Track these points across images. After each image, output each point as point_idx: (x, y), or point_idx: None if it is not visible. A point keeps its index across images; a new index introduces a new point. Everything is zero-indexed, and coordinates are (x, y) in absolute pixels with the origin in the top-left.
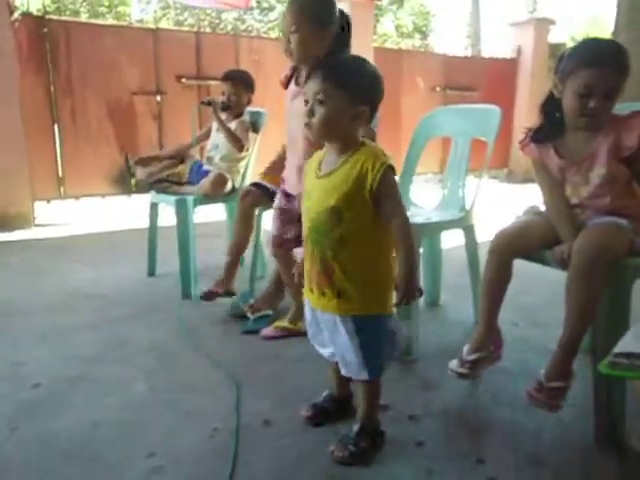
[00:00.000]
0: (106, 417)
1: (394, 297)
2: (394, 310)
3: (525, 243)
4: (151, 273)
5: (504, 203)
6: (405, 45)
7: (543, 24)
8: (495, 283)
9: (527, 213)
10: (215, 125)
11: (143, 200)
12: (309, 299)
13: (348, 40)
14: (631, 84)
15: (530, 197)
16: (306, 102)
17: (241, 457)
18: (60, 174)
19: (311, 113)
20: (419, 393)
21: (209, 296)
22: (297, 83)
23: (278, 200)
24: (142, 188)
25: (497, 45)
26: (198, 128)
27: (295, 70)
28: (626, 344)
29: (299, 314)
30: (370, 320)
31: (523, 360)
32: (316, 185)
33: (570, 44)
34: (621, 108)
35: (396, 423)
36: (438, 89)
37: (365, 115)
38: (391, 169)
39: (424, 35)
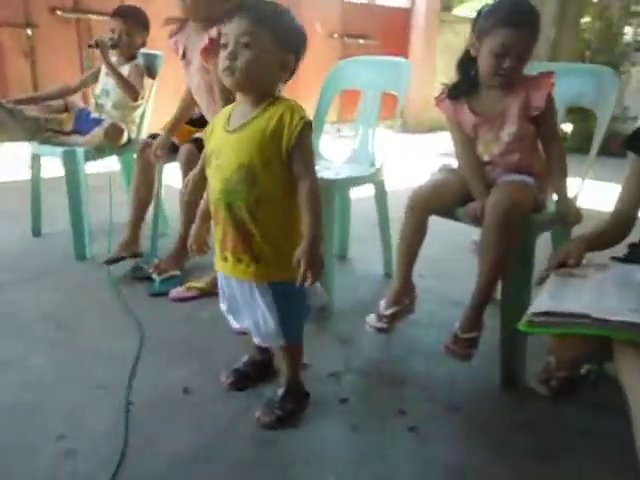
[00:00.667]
0: (3, 398)
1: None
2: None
3: (441, 200)
4: (36, 233)
5: (402, 153)
6: None
7: None
8: (412, 240)
9: (441, 171)
10: (104, 69)
11: (15, 149)
12: (223, 269)
13: None
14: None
15: (425, 147)
16: (224, 46)
17: (163, 431)
18: None
19: (233, 57)
20: (337, 349)
21: (115, 262)
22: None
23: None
24: (30, 131)
25: None
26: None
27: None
28: (541, 304)
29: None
30: (287, 285)
31: (431, 311)
32: (226, 140)
33: None
34: (530, 68)
35: (318, 381)
36: (336, 36)
37: (290, 65)
38: (309, 126)
39: None
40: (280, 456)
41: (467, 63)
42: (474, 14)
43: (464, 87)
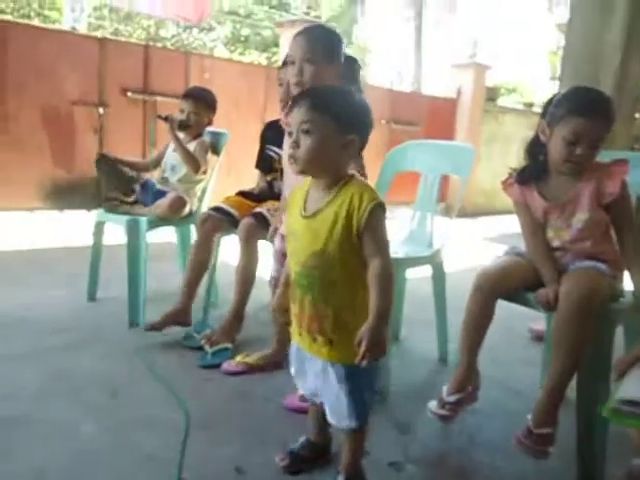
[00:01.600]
0: (53, 464)
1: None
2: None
3: (508, 283)
4: (91, 297)
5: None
6: None
7: (481, 68)
8: (479, 322)
9: (508, 253)
10: (171, 145)
11: (77, 216)
12: (299, 343)
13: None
14: None
15: (469, 232)
16: (289, 134)
17: None
18: None
19: (296, 145)
20: (395, 437)
21: (156, 329)
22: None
23: (278, 243)
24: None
25: (434, 84)
26: (139, 150)
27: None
28: (628, 391)
29: (273, 354)
30: (359, 367)
31: (491, 399)
32: (302, 225)
33: (503, 90)
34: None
35: (377, 470)
36: (383, 122)
37: (354, 144)
38: (380, 206)
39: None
40: None
41: (536, 149)
42: (517, 105)
43: (533, 172)
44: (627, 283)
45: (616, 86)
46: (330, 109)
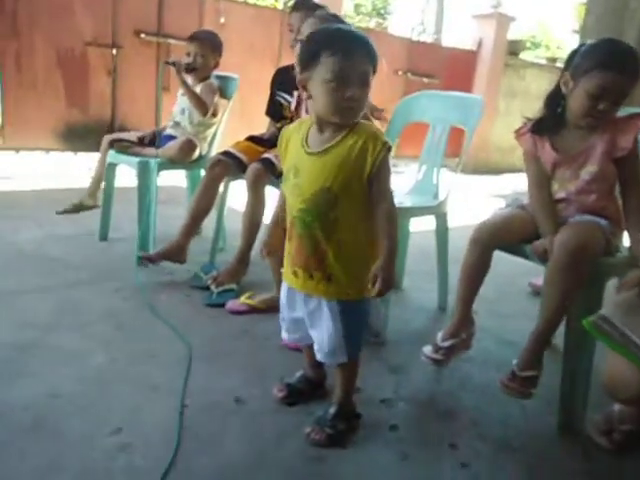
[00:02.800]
0: (65, 389)
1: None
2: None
3: (507, 235)
4: (103, 237)
5: (459, 193)
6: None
7: (505, 20)
8: (475, 273)
9: (509, 206)
10: (181, 89)
11: (90, 158)
12: (291, 283)
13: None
14: None
15: (480, 189)
16: (341, 79)
17: (214, 436)
18: (0, 122)
19: (356, 95)
20: (388, 377)
21: (151, 261)
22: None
23: None
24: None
25: (456, 35)
26: (151, 95)
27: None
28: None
29: (273, 299)
30: (355, 303)
31: (485, 349)
32: (307, 162)
33: (529, 43)
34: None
35: (369, 406)
36: (400, 73)
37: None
38: (389, 150)
39: (382, 17)
40: (328, 473)
41: (556, 100)
42: (539, 60)
43: (550, 123)
44: (626, 240)
45: (639, 40)
46: (375, 60)
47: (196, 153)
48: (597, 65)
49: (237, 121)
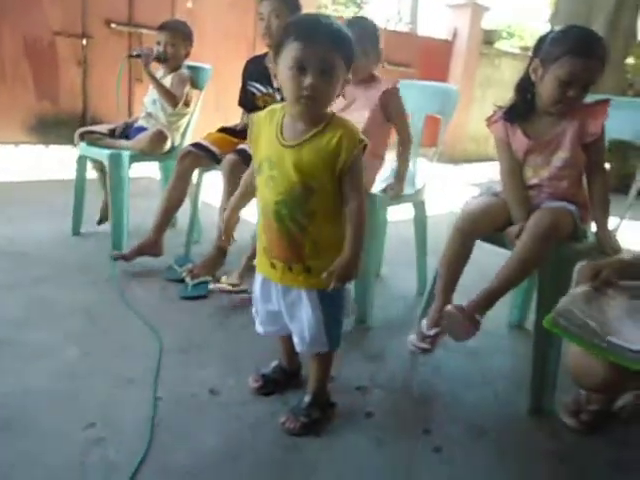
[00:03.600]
0: (38, 384)
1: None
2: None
3: (486, 225)
4: (76, 231)
5: (435, 182)
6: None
7: (479, 9)
8: (456, 261)
9: (484, 194)
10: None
11: (62, 151)
12: (268, 274)
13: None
14: None
15: (456, 178)
16: (300, 68)
17: (188, 428)
18: None
19: (317, 85)
20: (364, 364)
21: (125, 259)
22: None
23: None
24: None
25: (432, 25)
26: (125, 86)
27: None
28: (563, 301)
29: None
30: (334, 292)
31: None
32: (282, 154)
33: (504, 33)
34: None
35: (344, 394)
36: None
37: (345, 83)
38: (364, 148)
39: (359, 6)
40: (304, 461)
41: (526, 87)
42: (514, 49)
43: (521, 110)
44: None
45: (609, 28)
46: (344, 48)
47: (167, 144)
48: (567, 52)
49: (212, 112)
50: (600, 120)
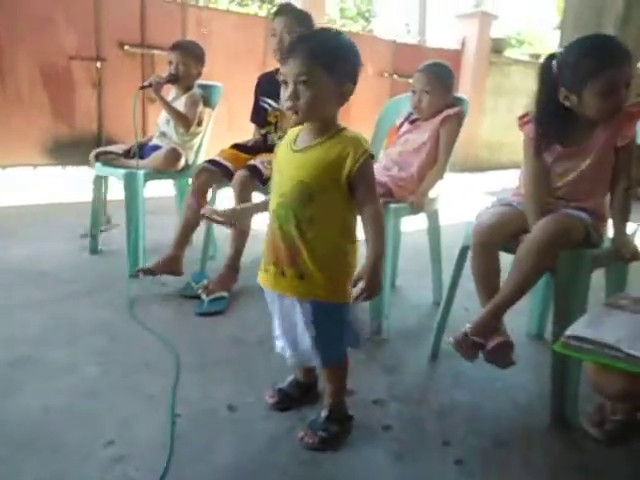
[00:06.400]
0: (58, 402)
1: (352, 289)
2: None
3: (504, 233)
4: (93, 250)
5: (450, 191)
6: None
7: (487, 18)
8: (486, 275)
9: (496, 206)
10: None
11: (78, 172)
12: (263, 282)
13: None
14: None
15: (470, 186)
16: (284, 83)
17: (207, 444)
18: None
19: (295, 96)
20: (381, 377)
21: (147, 274)
22: None
23: None
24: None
25: (440, 35)
26: (138, 107)
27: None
28: (577, 328)
29: None
30: (328, 308)
31: None
32: (289, 159)
33: (513, 41)
34: None
35: (362, 407)
36: (386, 75)
37: (350, 92)
38: (372, 157)
39: (367, 20)
40: (323, 476)
41: (556, 115)
42: (523, 57)
43: (557, 130)
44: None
45: (620, 30)
46: (327, 60)
47: (181, 162)
48: (595, 70)
49: (225, 130)
50: (634, 122)
